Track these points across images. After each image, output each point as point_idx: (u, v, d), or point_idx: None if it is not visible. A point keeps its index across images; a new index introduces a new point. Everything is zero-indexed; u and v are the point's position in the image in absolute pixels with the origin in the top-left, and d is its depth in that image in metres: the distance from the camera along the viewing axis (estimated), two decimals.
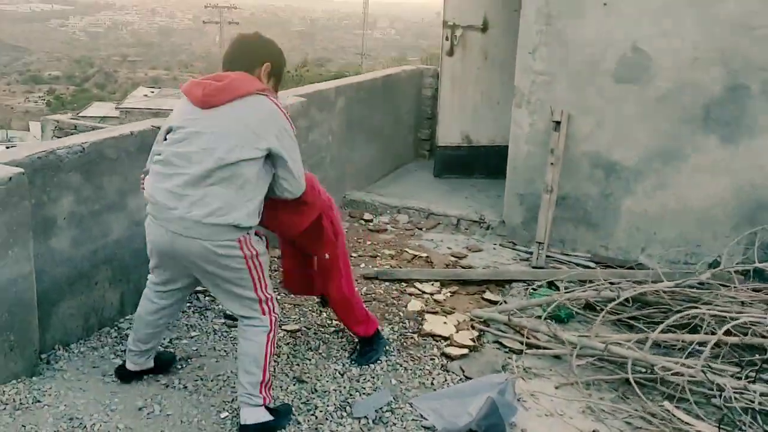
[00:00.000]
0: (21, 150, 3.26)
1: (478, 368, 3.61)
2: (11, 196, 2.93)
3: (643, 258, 4.94)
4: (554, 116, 5.00)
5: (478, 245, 5.30)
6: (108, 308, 3.70)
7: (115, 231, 3.64)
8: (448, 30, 6.34)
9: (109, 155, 3.54)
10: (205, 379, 3.30)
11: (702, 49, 4.62)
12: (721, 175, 4.72)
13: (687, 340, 3.63)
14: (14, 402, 2.97)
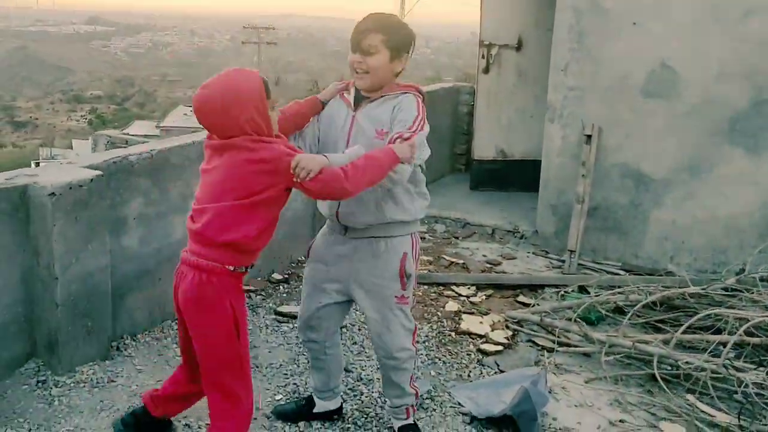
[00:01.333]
0: (98, 155, 3.61)
1: (512, 363, 3.86)
2: (91, 196, 3.27)
3: (672, 266, 5.13)
4: (585, 130, 5.25)
5: (512, 253, 5.54)
6: (169, 303, 3.96)
7: (177, 232, 3.96)
8: (484, 49, 6.63)
9: (174, 162, 3.88)
10: (260, 366, 3.59)
11: (728, 65, 4.84)
12: (747, 186, 4.91)
13: (710, 340, 3.82)
14: (92, 381, 3.30)
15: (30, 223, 3.19)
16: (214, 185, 2.41)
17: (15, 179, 3.20)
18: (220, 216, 2.38)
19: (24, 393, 3.18)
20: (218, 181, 2.40)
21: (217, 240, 2.38)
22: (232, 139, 2.36)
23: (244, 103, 2.35)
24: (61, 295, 3.21)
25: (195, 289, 2.39)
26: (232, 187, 2.37)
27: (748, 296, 4.18)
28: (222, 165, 2.39)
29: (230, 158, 2.38)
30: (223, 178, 2.39)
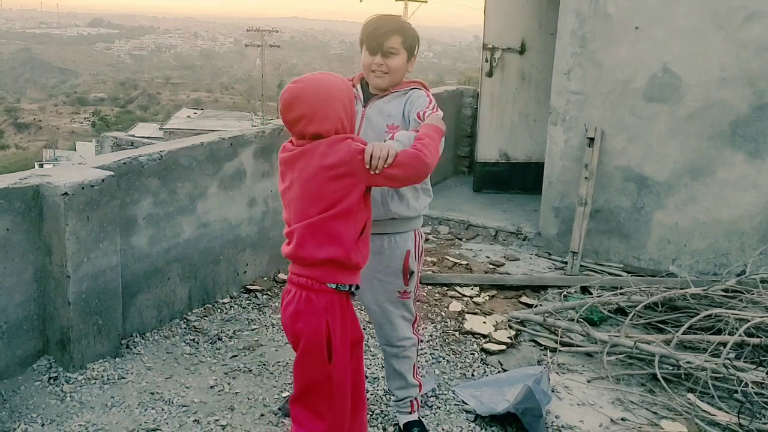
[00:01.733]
0: (109, 156, 3.68)
1: (515, 363, 3.91)
2: (103, 196, 3.34)
3: (674, 268, 5.19)
4: (588, 133, 5.31)
5: (515, 255, 5.60)
6: (178, 302, 4.08)
7: (185, 232, 4.03)
8: (487, 52, 6.69)
9: (183, 163, 3.95)
10: (267, 364, 3.65)
11: (729, 70, 4.90)
12: (748, 190, 4.96)
13: (711, 341, 3.87)
14: (102, 377, 3.36)
15: (43, 222, 3.26)
16: (296, 202, 2.33)
17: (28, 179, 3.26)
18: (311, 233, 2.31)
19: (36, 389, 3.24)
20: (298, 197, 2.33)
21: (315, 258, 2.31)
22: (306, 146, 2.30)
23: (337, 98, 2.32)
24: (73, 293, 3.27)
25: (295, 305, 2.35)
26: (314, 199, 2.29)
27: (749, 297, 4.23)
28: (297, 178, 2.32)
29: (302, 169, 2.30)
30: (302, 192, 2.31)
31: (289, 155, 2.36)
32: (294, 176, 2.34)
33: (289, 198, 2.37)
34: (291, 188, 2.36)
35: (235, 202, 4.37)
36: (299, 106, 2.29)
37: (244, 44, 59.97)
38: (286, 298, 2.40)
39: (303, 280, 2.34)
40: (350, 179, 2.28)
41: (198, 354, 3.73)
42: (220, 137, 4.25)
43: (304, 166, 2.30)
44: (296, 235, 2.33)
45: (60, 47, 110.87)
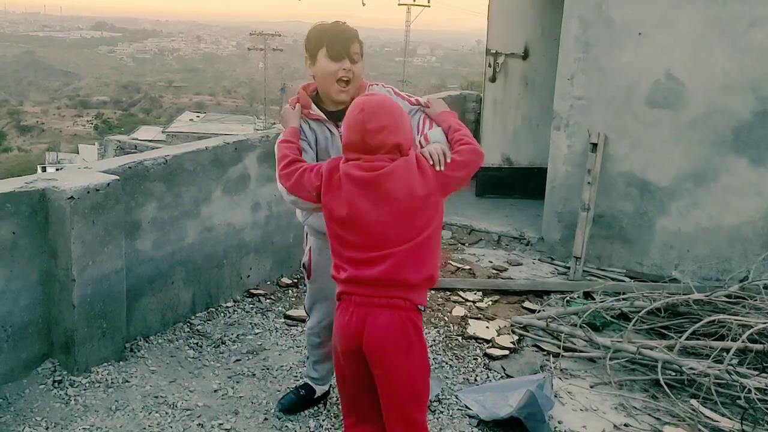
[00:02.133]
0: (114, 160, 3.69)
1: (518, 368, 3.92)
2: (108, 200, 3.35)
3: (676, 274, 5.19)
4: (591, 138, 5.31)
5: (518, 260, 5.61)
6: (181, 306, 4.09)
7: (189, 236, 4.04)
8: (491, 57, 6.71)
9: (188, 167, 3.96)
10: (271, 368, 3.66)
11: (732, 76, 4.91)
12: (751, 196, 4.97)
13: (714, 347, 3.88)
14: (106, 381, 3.37)
15: (48, 225, 3.27)
16: (387, 225, 2.29)
17: (35, 183, 3.28)
18: (415, 253, 2.30)
19: (41, 392, 3.25)
20: (393, 219, 2.29)
21: (417, 279, 2.31)
22: (389, 167, 2.29)
23: (405, 114, 2.39)
24: (78, 296, 3.28)
25: (394, 328, 2.31)
26: (411, 219, 2.29)
27: (752, 303, 4.23)
28: (384, 200, 2.29)
29: (394, 190, 2.28)
30: (398, 214, 2.29)
31: (369, 176, 2.29)
32: (377, 198, 2.29)
33: (368, 221, 2.31)
34: (370, 211, 2.30)
35: (239, 206, 4.38)
36: (384, 116, 2.29)
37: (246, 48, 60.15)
38: (370, 323, 2.32)
39: (400, 302, 2.31)
40: (434, 197, 2.33)
41: (202, 358, 3.74)
42: (225, 142, 4.26)
43: (395, 187, 2.28)
44: (395, 258, 2.28)
45: (63, 50, 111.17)
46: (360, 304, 2.32)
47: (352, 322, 2.33)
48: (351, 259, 2.34)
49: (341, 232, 2.35)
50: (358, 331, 2.32)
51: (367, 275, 2.30)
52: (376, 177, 2.29)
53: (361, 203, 2.30)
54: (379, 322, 2.30)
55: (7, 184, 3.26)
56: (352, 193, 2.31)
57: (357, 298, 2.33)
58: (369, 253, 2.31)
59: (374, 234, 2.30)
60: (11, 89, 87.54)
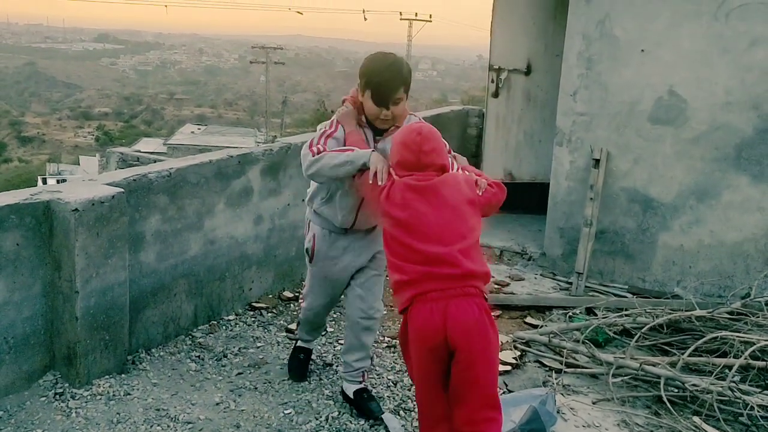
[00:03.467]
0: (119, 173, 3.70)
1: (521, 383, 3.91)
2: (113, 212, 3.36)
3: (679, 290, 5.19)
4: (594, 154, 5.33)
5: (520, 275, 5.60)
6: (184, 318, 4.08)
7: (192, 248, 4.04)
8: (493, 73, 6.73)
9: (191, 180, 3.97)
10: (272, 382, 3.65)
11: (734, 93, 4.93)
12: (753, 213, 4.98)
13: (717, 363, 3.87)
14: (108, 393, 3.36)
15: (53, 237, 3.27)
16: (445, 225, 2.60)
17: (39, 195, 3.28)
18: (469, 252, 2.58)
19: (42, 405, 3.24)
20: (446, 221, 2.61)
21: (482, 271, 2.61)
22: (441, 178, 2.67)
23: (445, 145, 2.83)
24: (81, 308, 3.28)
25: (474, 313, 2.53)
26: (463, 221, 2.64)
27: (754, 320, 4.23)
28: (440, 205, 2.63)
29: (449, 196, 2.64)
30: (452, 219, 2.62)
31: (427, 183, 2.65)
32: (435, 202, 2.62)
33: (429, 222, 2.60)
34: (429, 213, 2.61)
35: (242, 219, 4.39)
36: (434, 141, 2.71)
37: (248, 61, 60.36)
38: (455, 314, 2.51)
39: (472, 290, 2.56)
40: (477, 209, 2.72)
41: (203, 371, 3.73)
42: (229, 155, 4.27)
43: (449, 193, 2.65)
44: (459, 252, 2.55)
45: (65, 62, 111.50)
46: (436, 300, 2.52)
47: (434, 317, 2.51)
48: (419, 258, 2.57)
49: (404, 236, 2.62)
50: (441, 324, 2.50)
51: (438, 271, 2.53)
52: (435, 184, 2.65)
53: (421, 207, 2.62)
54: (461, 310, 2.51)
55: (12, 196, 3.26)
56: (412, 199, 2.64)
57: (432, 294, 2.53)
58: (436, 248, 2.55)
59: (437, 233, 2.57)
60: (13, 100, 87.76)
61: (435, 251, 2.54)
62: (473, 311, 2.52)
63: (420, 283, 2.54)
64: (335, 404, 3.45)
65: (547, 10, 6.58)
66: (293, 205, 4.71)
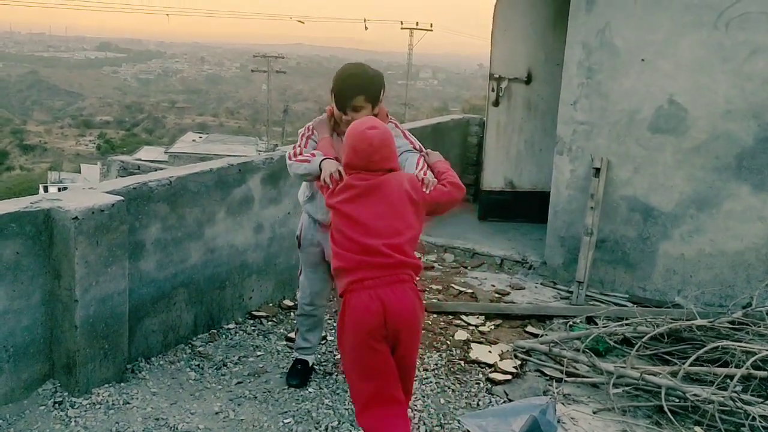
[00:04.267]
0: (119, 181, 3.70)
1: (521, 393, 3.90)
2: (113, 221, 3.36)
3: (679, 299, 5.18)
4: (594, 163, 5.33)
5: (521, 284, 5.60)
6: (183, 327, 4.08)
7: (192, 257, 4.04)
8: (494, 82, 6.74)
9: (192, 189, 3.97)
10: (272, 391, 3.64)
11: (734, 103, 4.93)
12: (754, 222, 4.97)
13: (718, 373, 3.86)
14: (107, 402, 3.35)
15: (52, 246, 3.27)
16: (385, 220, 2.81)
17: (39, 203, 3.28)
18: (404, 245, 2.80)
19: (41, 414, 3.23)
20: (387, 217, 2.82)
21: (409, 261, 2.80)
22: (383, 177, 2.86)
23: (393, 141, 2.97)
24: (81, 317, 3.28)
25: (409, 296, 2.77)
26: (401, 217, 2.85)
27: (755, 330, 4.22)
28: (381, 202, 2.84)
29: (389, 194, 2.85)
30: (391, 214, 2.83)
31: (371, 182, 2.85)
32: (377, 198, 2.84)
33: (369, 218, 2.81)
34: (371, 208, 2.82)
35: (243, 227, 4.39)
36: (384, 150, 2.87)
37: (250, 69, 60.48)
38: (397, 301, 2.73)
39: (405, 276, 2.78)
40: (420, 208, 2.91)
41: (203, 380, 3.72)
42: (229, 163, 4.27)
43: (390, 191, 2.85)
44: (393, 244, 2.77)
45: (67, 70, 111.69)
46: (372, 287, 2.73)
47: (373, 303, 2.71)
48: (355, 248, 2.77)
49: (345, 228, 2.82)
50: (380, 309, 2.70)
51: (372, 260, 2.74)
52: (377, 183, 2.85)
53: (363, 203, 2.83)
54: (398, 296, 2.73)
55: (12, 204, 3.26)
56: (356, 195, 2.85)
57: (368, 282, 2.73)
58: (371, 240, 2.76)
59: (374, 227, 2.78)
60: (15, 109, 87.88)
61: (370, 242, 2.75)
62: (409, 297, 2.76)
63: (355, 271, 2.76)
64: (335, 414, 3.44)
65: (547, 19, 6.60)
66: (294, 213, 4.71)
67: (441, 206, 2.99)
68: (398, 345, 2.78)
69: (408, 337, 2.78)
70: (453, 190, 3.02)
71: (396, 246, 2.76)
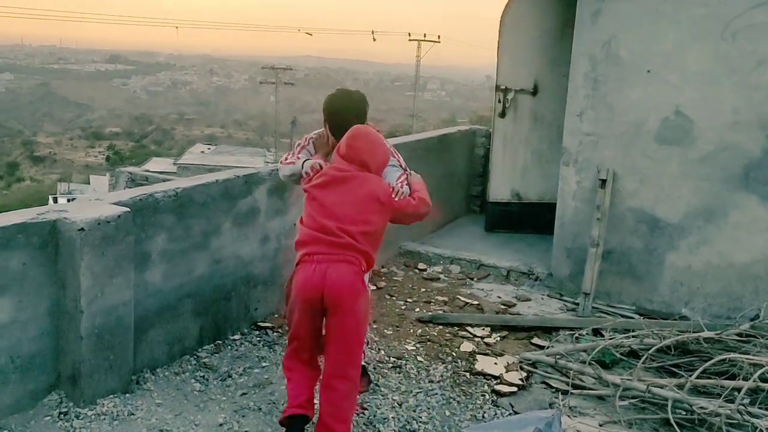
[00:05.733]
0: (126, 192, 3.72)
1: (526, 405, 3.88)
2: (119, 232, 3.37)
3: (686, 311, 5.15)
4: (600, 174, 5.32)
5: (527, 295, 5.58)
6: (189, 338, 4.08)
7: (198, 268, 4.05)
8: (500, 93, 6.75)
9: (198, 200, 3.98)
10: (277, 403, 3.64)
11: (742, 113, 4.92)
12: (762, 233, 4.95)
13: (725, 386, 3.83)
14: (112, 413, 3.36)
15: (58, 257, 3.29)
16: (347, 208, 3.11)
17: (46, 214, 3.30)
18: (359, 235, 3.08)
19: (46, 424, 3.24)
20: (348, 207, 3.11)
21: (361, 247, 3.07)
22: (358, 173, 3.17)
23: (383, 147, 3.30)
24: (86, 328, 3.29)
25: (349, 276, 3.01)
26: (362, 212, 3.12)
27: (763, 342, 4.19)
28: (348, 192, 3.15)
29: (357, 187, 3.15)
30: (353, 206, 3.12)
31: (341, 174, 3.17)
32: (343, 189, 3.14)
33: (333, 204, 3.12)
34: (337, 196, 3.13)
35: (249, 238, 4.40)
36: (362, 140, 3.20)
37: (258, 81, 60.69)
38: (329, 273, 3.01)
39: (352, 258, 3.05)
40: (385, 211, 3.19)
41: (208, 391, 3.72)
42: (235, 175, 4.29)
43: (356, 186, 3.14)
44: (350, 230, 3.05)
45: (78, 82, 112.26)
46: (320, 261, 3.02)
47: (315, 276, 3.01)
48: (314, 226, 3.09)
49: (311, 208, 3.16)
50: (320, 282, 3.00)
51: (326, 237, 3.04)
52: (348, 176, 3.16)
53: (331, 190, 3.15)
54: (339, 272, 3.00)
55: (18, 215, 3.28)
56: (327, 182, 3.17)
57: (318, 256, 3.03)
58: (330, 222, 3.06)
59: (335, 211, 3.09)
60: (26, 120, 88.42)
61: (327, 223, 3.05)
62: (349, 275, 3.01)
63: (310, 245, 3.06)
64: None
65: (554, 31, 6.61)
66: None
67: (405, 216, 3.29)
68: (332, 317, 3.04)
69: (341, 313, 3.01)
70: (419, 204, 3.31)
71: (349, 231, 3.03)
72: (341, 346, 3.07)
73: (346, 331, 3.04)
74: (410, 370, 4.16)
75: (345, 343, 3.06)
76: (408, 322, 4.88)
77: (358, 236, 3.06)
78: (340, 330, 3.05)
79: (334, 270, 3.01)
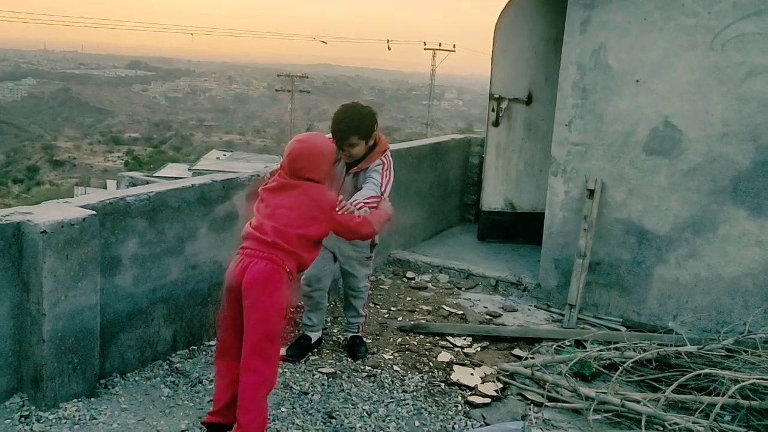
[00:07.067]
0: (95, 195, 3.72)
1: (499, 417, 3.82)
2: (84, 235, 3.36)
3: (674, 325, 5.06)
4: (588, 185, 5.26)
5: (514, 306, 5.52)
6: (161, 343, 4.06)
7: (172, 273, 4.04)
8: (494, 102, 6.71)
9: (171, 204, 3.97)
10: None
11: (731, 125, 4.84)
12: (751, 246, 4.86)
13: (703, 401, 3.75)
14: (74, 417, 3.34)
15: (22, 259, 3.28)
16: (283, 211, 3.25)
17: (10, 216, 3.30)
18: (290, 237, 3.20)
19: (6, 427, 3.23)
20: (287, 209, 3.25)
21: (287, 249, 3.19)
22: (300, 183, 3.29)
23: (326, 157, 3.37)
24: (48, 330, 3.27)
25: (266, 272, 3.12)
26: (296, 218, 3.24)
27: (745, 358, 4.10)
28: (287, 198, 3.28)
29: (298, 195, 3.27)
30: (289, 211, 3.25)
31: (284, 182, 3.32)
32: (285, 195, 3.29)
33: (275, 206, 3.27)
34: (278, 200, 3.29)
35: (226, 244, 4.36)
36: (304, 160, 3.30)
37: (275, 89, 61.01)
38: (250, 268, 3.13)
39: (275, 257, 3.16)
40: (324, 219, 3.31)
41: (176, 396, 3.70)
42: (213, 179, 4.28)
43: (298, 194, 3.27)
44: (280, 231, 3.18)
45: (98, 88, 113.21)
46: (248, 255, 3.18)
47: (240, 267, 3.17)
48: (254, 223, 3.27)
49: (257, 209, 3.34)
50: (240, 274, 3.15)
51: (257, 235, 3.19)
52: (289, 184, 3.31)
53: (275, 195, 3.32)
54: (257, 267, 3.13)
55: None
56: (274, 189, 3.34)
57: (248, 251, 3.19)
58: (265, 221, 3.23)
59: (272, 213, 3.25)
60: (47, 125, 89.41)
61: (263, 221, 3.23)
62: (267, 272, 3.12)
63: (246, 240, 3.25)
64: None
65: (548, 40, 6.56)
66: None
67: (344, 229, 3.42)
68: (244, 310, 3.15)
69: (251, 305, 3.11)
70: (363, 223, 3.46)
71: (279, 231, 3.17)
72: (249, 338, 3.14)
73: (253, 323, 3.12)
74: (384, 379, 4.12)
75: (252, 334, 3.13)
76: (389, 330, 4.84)
77: (292, 238, 3.19)
78: (248, 321, 3.13)
79: (255, 265, 3.14)
